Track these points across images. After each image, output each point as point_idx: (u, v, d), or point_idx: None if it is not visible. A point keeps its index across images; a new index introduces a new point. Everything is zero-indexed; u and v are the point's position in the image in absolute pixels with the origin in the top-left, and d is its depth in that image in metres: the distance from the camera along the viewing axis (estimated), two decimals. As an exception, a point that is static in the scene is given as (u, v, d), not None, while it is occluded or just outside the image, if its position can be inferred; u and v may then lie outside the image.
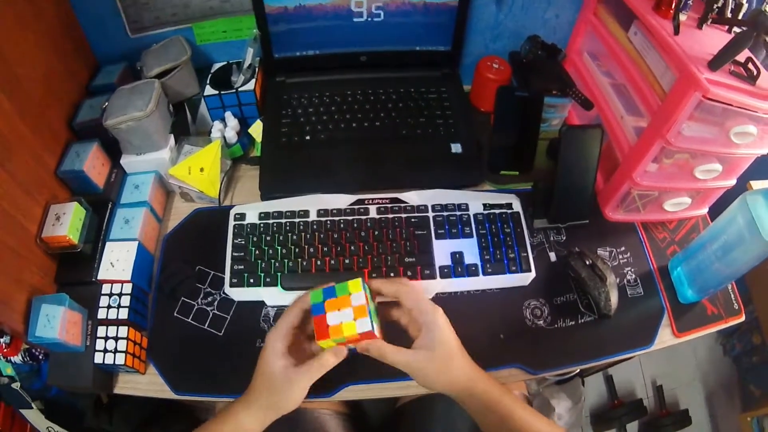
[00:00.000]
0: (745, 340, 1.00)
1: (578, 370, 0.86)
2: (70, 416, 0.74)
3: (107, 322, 0.52)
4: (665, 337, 0.56)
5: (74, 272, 0.57)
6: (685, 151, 0.54)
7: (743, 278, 0.58)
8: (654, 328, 0.56)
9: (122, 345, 0.51)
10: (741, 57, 0.48)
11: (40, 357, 0.61)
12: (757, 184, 0.71)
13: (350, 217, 0.58)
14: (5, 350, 0.58)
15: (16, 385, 0.65)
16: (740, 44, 0.47)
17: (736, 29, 0.53)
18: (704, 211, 0.65)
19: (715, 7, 0.53)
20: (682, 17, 0.53)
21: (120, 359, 0.50)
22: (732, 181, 0.58)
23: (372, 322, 0.41)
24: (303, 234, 0.58)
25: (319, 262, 0.56)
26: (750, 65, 0.48)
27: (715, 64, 0.48)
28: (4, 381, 0.62)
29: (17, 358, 0.59)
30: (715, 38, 0.52)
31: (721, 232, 0.52)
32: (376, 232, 0.57)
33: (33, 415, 0.71)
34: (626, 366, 1.08)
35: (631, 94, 0.60)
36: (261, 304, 0.56)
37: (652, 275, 0.60)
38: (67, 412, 0.74)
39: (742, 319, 0.59)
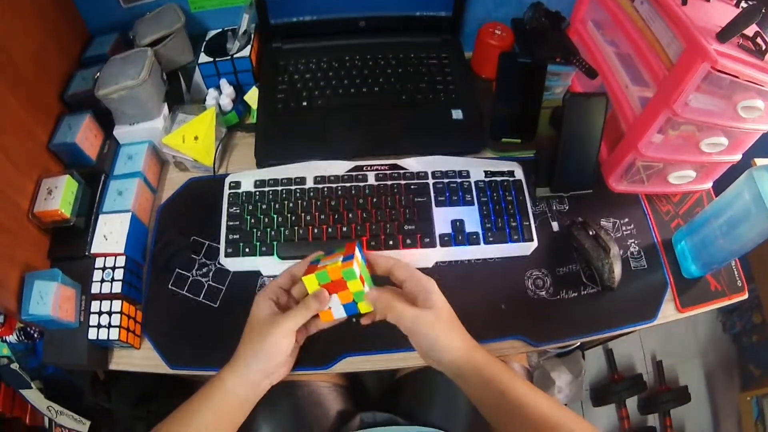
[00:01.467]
0: (746, 319, 0.99)
1: (579, 343, 0.85)
2: (70, 394, 0.73)
3: (101, 297, 0.51)
4: (668, 311, 0.54)
5: (67, 247, 0.55)
6: (691, 122, 0.51)
7: (745, 256, 0.56)
8: (657, 302, 0.54)
9: (116, 319, 0.49)
10: (749, 31, 0.46)
11: (35, 335, 0.59)
12: (761, 161, 0.68)
13: (348, 184, 0.56)
14: (0, 330, 0.56)
15: (14, 366, 0.64)
16: (749, 17, 0.45)
17: (743, 3, 0.51)
18: (708, 185, 0.63)
19: (723, -21, 0.51)
20: (690, -13, 0.51)
21: (114, 334, 0.49)
22: (737, 156, 0.56)
23: (356, 264, 0.41)
24: (299, 202, 0.55)
25: (316, 230, 0.54)
26: (758, 39, 0.46)
27: (724, 35, 0.46)
28: (3, 362, 0.60)
29: (12, 338, 0.58)
30: (723, 11, 0.50)
31: (727, 207, 0.51)
32: (375, 200, 0.55)
33: (33, 395, 0.70)
34: (626, 340, 1.07)
35: (636, 63, 0.57)
36: (257, 274, 0.54)
37: (656, 248, 0.58)
38: (66, 390, 0.73)
39: (745, 296, 0.57)
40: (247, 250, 0.54)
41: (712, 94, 0.49)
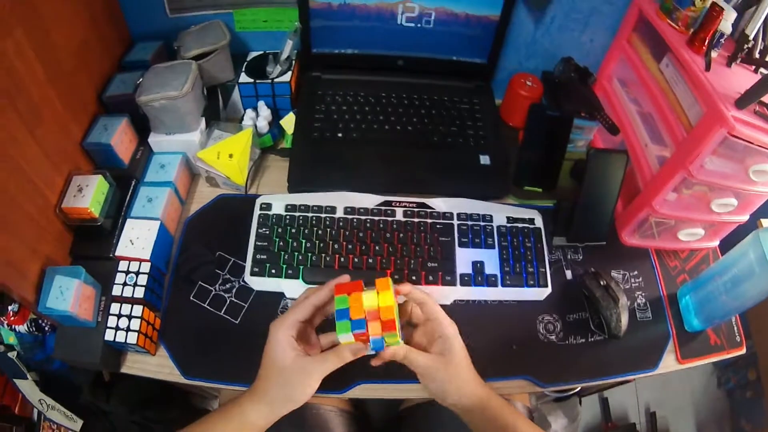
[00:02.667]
0: (741, 375, 1.04)
1: (579, 389, 0.90)
2: (66, 391, 0.75)
3: (122, 300, 0.53)
4: (669, 362, 0.59)
5: (91, 246, 0.58)
6: (705, 183, 0.57)
7: (745, 313, 0.61)
8: (659, 352, 0.59)
9: (135, 324, 0.51)
10: (766, 98, 0.51)
11: (46, 329, 0.61)
12: (767, 222, 0.75)
13: (377, 218, 0.61)
14: (12, 319, 0.59)
15: (12, 354, 0.66)
16: (766, 85, 0.50)
17: (763, 70, 0.57)
18: (715, 243, 0.68)
19: (745, 47, 0.57)
20: (713, 54, 0.57)
21: (132, 338, 0.51)
22: (745, 217, 0.62)
23: (397, 319, 0.43)
24: (328, 230, 0.60)
25: (342, 259, 0.58)
26: None
27: (741, 102, 0.51)
28: (0, 348, 0.63)
29: (22, 328, 0.60)
30: (742, 77, 0.56)
31: (732, 265, 0.56)
32: (401, 235, 0.60)
33: (26, 386, 0.72)
34: (622, 389, 1.12)
35: (657, 123, 0.63)
36: (280, 296, 0.58)
37: (662, 301, 0.63)
38: (64, 386, 0.75)
39: (743, 351, 0.62)
40: (273, 271, 0.58)
41: (726, 158, 0.54)
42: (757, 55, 0.57)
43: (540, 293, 0.60)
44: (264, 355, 0.45)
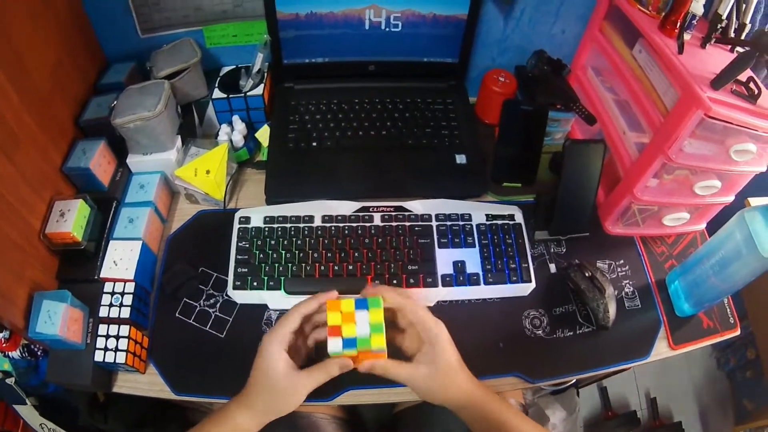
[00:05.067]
0: (739, 355, 1.03)
1: (574, 381, 0.88)
2: (65, 414, 0.75)
3: (109, 321, 0.53)
4: (661, 349, 0.58)
5: (76, 269, 0.58)
6: (685, 167, 0.56)
7: (739, 293, 0.60)
8: (651, 340, 0.58)
9: (123, 344, 0.51)
10: (743, 76, 0.50)
11: (39, 353, 0.61)
12: (755, 201, 0.73)
13: (354, 224, 0.60)
14: (4, 345, 0.59)
15: (10, 381, 0.66)
16: (742, 64, 0.49)
17: (738, 49, 0.55)
18: (702, 226, 0.67)
19: (718, 27, 0.55)
20: (686, 36, 0.55)
21: (121, 358, 0.51)
22: (730, 198, 0.61)
23: (385, 345, 0.44)
24: (307, 239, 0.59)
25: (322, 268, 0.58)
26: (751, 84, 0.50)
27: (717, 83, 0.50)
28: None
29: (15, 354, 0.60)
30: (718, 57, 0.54)
31: (719, 247, 0.55)
32: (380, 240, 0.59)
33: (26, 412, 0.72)
34: (621, 378, 1.10)
35: (633, 110, 0.62)
36: (263, 308, 0.57)
37: (650, 288, 0.62)
38: (62, 409, 0.75)
39: (738, 332, 0.61)
40: (255, 283, 0.57)
41: (705, 140, 0.53)
42: (732, 34, 0.56)
43: (524, 289, 0.59)
44: (255, 366, 0.45)
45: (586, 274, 0.59)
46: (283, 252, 0.59)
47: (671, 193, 0.60)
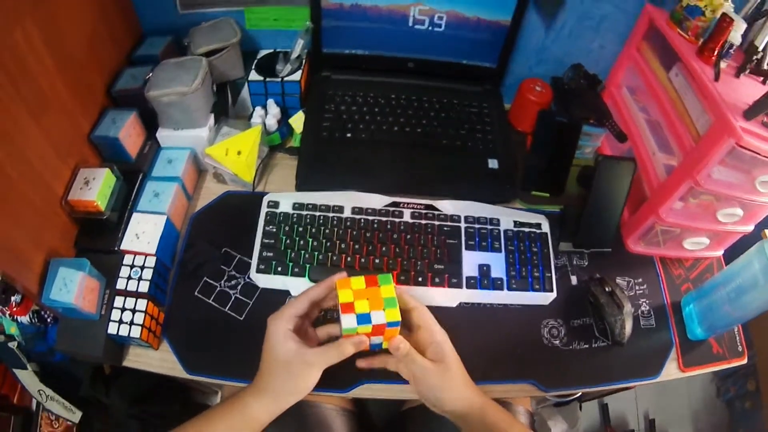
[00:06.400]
0: (740, 385, 1.05)
1: (579, 394, 0.90)
2: (66, 383, 0.76)
3: (126, 293, 0.54)
4: (671, 370, 0.60)
5: (96, 239, 0.59)
6: (711, 193, 0.58)
7: (747, 324, 0.62)
8: (662, 360, 0.60)
9: (139, 318, 0.52)
10: None
11: (49, 320, 0.62)
12: (772, 233, 0.75)
13: (384, 218, 0.62)
14: (14, 309, 0.60)
15: (13, 344, 0.66)
16: None
17: None
18: (720, 253, 0.69)
19: (753, 58, 0.58)
20: (723, 65, 0.58)
21: (135, 332, 0.51)
22: (750, 227, 0.63)
23: (400, 318, 0.44)
24: (336, 229, 0.60)
25: (349, 259, 0.59)
26: None
27: (750, 113, 0.52)
28: (0, 339, 0.63)
29: (24, 319, 0.60)
30: (750, 88, 0.57)
31: (736, 275, 0.57)
32: (409, 236, 0.61)
33: (26, 376, 0.73)
34: (622, 396, 1.12)
35: (664, 131, 0.64)
36: (285, 294, 0.58)
37: (665, 309, 0.64)
38: (64, 378, 0.76)
39: (745, 361, 0.63)
40: (279, 269, 0.58)
41: (733, 168, 0.55)
42: (765, 67, 0.58)
43: (545, 298, 0.61)
44: (264, 350, 0.45)
45: (607, 289, 0.61)
46: (311, 240, 0.60)
47: (694, 217, 0.61)
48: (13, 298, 0.59)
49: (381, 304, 0.44)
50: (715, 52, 0.57)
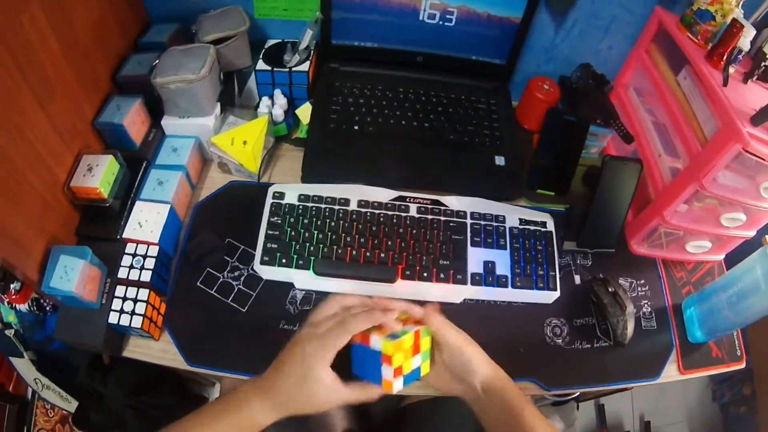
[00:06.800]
0: (735, 390, 1.06)
1: (577, 394, 0.91)
2: (63, 371, 0.76)
3: (127, 283, 0.53)
4: (671, 372, 0.61)
5: (98, 227, 0.58)
6: (716, 197, 0.58)
7: (745, 329, 0.63)
8: (662, 362, 0.61)
9: (141, 308, 0.52)
10: None
11: (48, 308, 0.62)
12: (773, 239, 0.76)
13: (390, 212, 0.62)
14: (13, 297, 0.59)
15: (9, 332, 0.66)
16: None
17: None
18: (721, 257, 0.70)
19: (762, 65, 0.58)
20: (731, 70, 0.58)
21: (137, 322, 0.51)
22: (752, 233, 0.63)
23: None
24: (341, 222, 0.60)
25: (354, 252, 0.59)
26: None
27: (757, 119, 0.52)
28: None
29: (23, 307, 0.60)
30: (758, 94, 0.57)
31: (738, 279, 0.57)
32: (414, 231, 0.61)
33: (22, 365, 0.72)
34: (618, 397, 1.13)
35: (671, 134, 0.64)
36: (289, 286, 0.58)
37: (666, 311, 0.65)
38: (61, 367, 0.76)
39: (743, 365, 0.64)
40: (283, 261, 0.58)
41: (738, 173, 0.55)
42: (773, 74, 0.59)
43: (549, 296, 0.61)
44: (295, 366, 0.43)
45: (610, 290, 0.61)
46: (316, 232, 0.60)
47: (698, 221, 0.62)
48: (12, 286, 0.58)
49: (419, 359, 0.46)
50: (725, 57, 0.58)
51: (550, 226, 0.65)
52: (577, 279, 0.64)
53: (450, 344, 0.47)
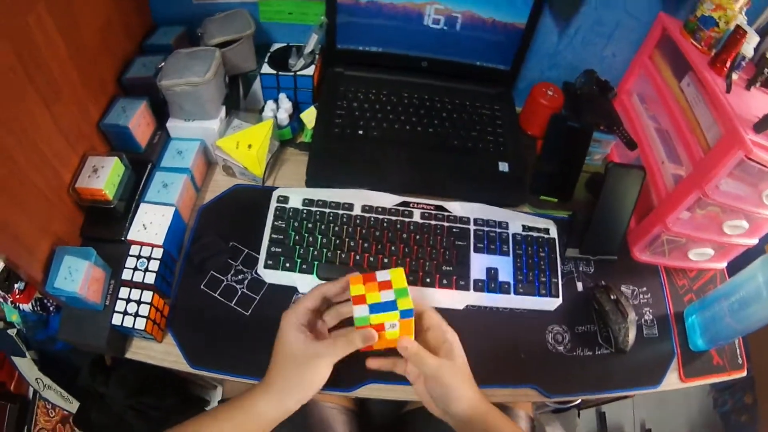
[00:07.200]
0: (737, 398, 1.06)
1: (579, 401, 0.91)
2: (64, 372, 0.76)
3: (131, 285, 0.54)
4: (672, 380, 0.61)
5: (103, 228, 0.59)
6: (719, 204, 0.58)
7: (746, 337, 0.63)
8: (663, 369, 0.61)
9: (144, 310, 0.52)
10: None
11: (51, 309, 0.62)
12: (775, 247, 0.76)
13: (394, 218, 0.62)
14: (17, 296, 0.59)
15: (12, 332, 0.66)
16: None
17: None
18: (723, 265, 0.70)
19: (765, 71, 0.59)
20: (734, 76, 0.58)
21: (140, 324, 0.51)
22: (754, 241, 0.64)
23: (413, 307, 0.45)
24: (345, 227, 0.61)
25: (358, 257, 0.59)
26: None
27: (760, 127, 0.52)
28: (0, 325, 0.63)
29: (27, 307, 0.60)
30: (761, 100, 0.58)
31: (739, 287, 0.57)
32: (418, 236, 0.61)
33: (24, 364, 0.73)
34: (619, 405, 1.13)
35: (674, 141, 0.65)
36: (293, 290, 0.59)
37: (668, 319, 0.65)
38: (63, 367, 0.76)
39: (744, 373, 0.64)
40: (287, 264, 0.59)
41: (741, 180, 0.56)
42: (776, 81, 0.59)
43: (551, 303, 0.62)
44: (275, 344, 0.46)
45: (612, 297, 0.61)
46: (320, 236, 0.60)
47: (701, 228, 0.62)
48: (16, 286, 0.59)
49: (392, 294, 0.45)
50: (728, 64, 0.58)
51: (553, 232, 0.65)
52: (580, 286, 0.65)
53: (427, 374, 0.46)
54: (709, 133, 0.58)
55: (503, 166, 0.68)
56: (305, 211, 0.62)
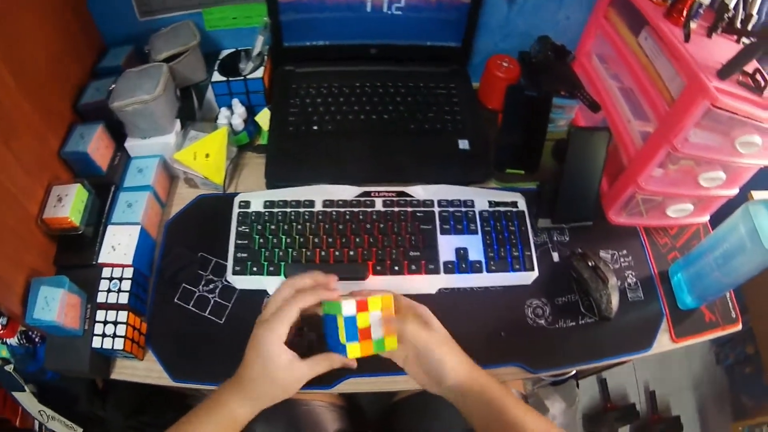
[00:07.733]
0: (738, 350, 1.02)
1: (574, 372, 0.88)
2: (64, 400, 0.74)
3: (107, 307, 0.52)
4: (663, 342, 0.57)
5: (74, 255, 0.57)
6: (690, 157, 0.55)
7: (740, 288, 0.59)
8: (653, 332, 0.57)
9: (121, 330, 0.51)
10: (749, 67, 0.49)
11: (37, 340, 0.61)
12: (758, 194, 0.72)
13: (356, 209, 0.59)
14: (1, 332, 0.58)
15: (9, 368, 0.65)
16: (749, 55, 0.48)
17: (744, 40, 0.54)
18: (706, 218, 0.66)
19: (725, 16, 0.54)
20: (693, 25, 0.54)
21: (119, 344, 0.50)
22: (735, 191, 0.60)
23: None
24: (308, 224, 0.58)
25: (323, 253, 0.56)
26: (758, 76, 0.49)
27: (724, 73, 0.49)
28: None
29: (13, 341, 0.59)
30: (724, 47, 0.53)
31: (723, 240, 0.54)
32: (382, 225, 0.58)
33: (25, 398, 0.71)
34: (620, 370, 1.10)
35: (638, 98, 0.61)
36: (263, 293, 0.56)
37: (653, 280, 0.61)
38: (61, 396, 0.75)
39: (739, 327, 0.60)
40: (254, 269, 0.56)
41: (711, 130, 0.52)
42: (738, 25, 0.55)
43: (527, 277, 0.58)
44: (251, 355, 0.44)
45: (589, 264, 0.58)
46: (284, 237, 0.57)
47: (676, 184, 0.58)
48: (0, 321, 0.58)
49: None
50: (684, 13, 0.54)
51: (522, 205, 0.62)
52: (556, 256, 0.61)
53: (418, 347, 0.43)
54: (672, 85, 0.55)
55: (463, 144, 0.64)
56: (267, 214, 0.59)
